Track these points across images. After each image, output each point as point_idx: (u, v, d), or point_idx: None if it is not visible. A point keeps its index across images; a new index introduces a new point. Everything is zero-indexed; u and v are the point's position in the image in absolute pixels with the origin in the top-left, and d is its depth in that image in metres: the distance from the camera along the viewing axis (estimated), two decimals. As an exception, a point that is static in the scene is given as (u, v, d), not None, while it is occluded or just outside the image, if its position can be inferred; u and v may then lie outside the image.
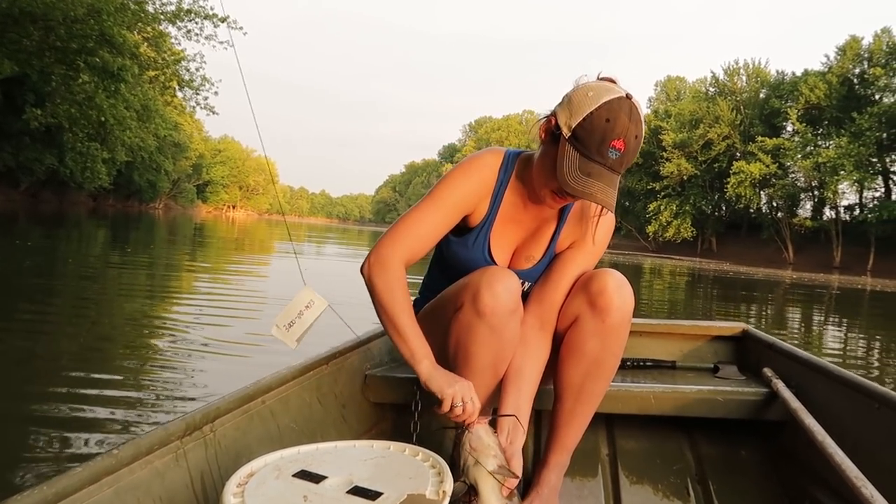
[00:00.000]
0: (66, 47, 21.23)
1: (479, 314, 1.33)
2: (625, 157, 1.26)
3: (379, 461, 1.01)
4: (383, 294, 1.34)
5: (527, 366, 1.45)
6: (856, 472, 1.26)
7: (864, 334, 8.05)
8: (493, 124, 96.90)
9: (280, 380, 1.47)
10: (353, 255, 15.61)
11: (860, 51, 45.96)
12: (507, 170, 1.48)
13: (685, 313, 8.29)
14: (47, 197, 36.51)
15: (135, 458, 1.02)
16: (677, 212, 54.46)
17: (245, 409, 1.32)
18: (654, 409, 1.77)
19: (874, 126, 41.85)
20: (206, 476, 1.16)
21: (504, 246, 1.52)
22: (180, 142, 60.02)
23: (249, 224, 41.68)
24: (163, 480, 1.06)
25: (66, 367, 3.15)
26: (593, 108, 1.25)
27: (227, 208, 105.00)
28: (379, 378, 1.84)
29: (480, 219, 1.49)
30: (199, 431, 1.18)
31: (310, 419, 1.54)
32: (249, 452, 1.24)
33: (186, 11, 24.27)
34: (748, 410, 1.79)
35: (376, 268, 1.35)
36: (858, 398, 1.58)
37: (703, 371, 2.19)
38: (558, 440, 1.53)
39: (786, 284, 18.28)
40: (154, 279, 7.37)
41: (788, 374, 1.92)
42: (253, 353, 3.64)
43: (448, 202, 1.43)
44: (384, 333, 2.03)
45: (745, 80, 55.09)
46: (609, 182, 1.26)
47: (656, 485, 1.71)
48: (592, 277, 1.46)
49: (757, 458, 1.82)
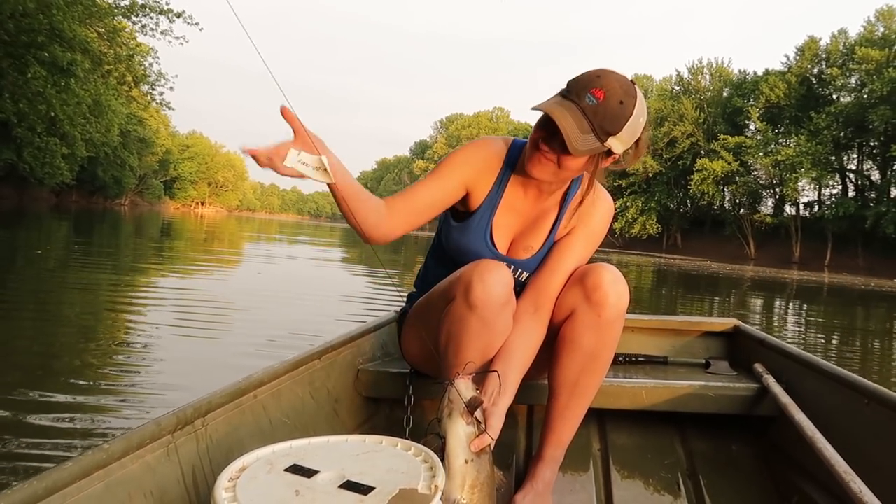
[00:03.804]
0: (15, 41, 20.86)
1: (471, 306, 1.34)
2: (600, 109, 1.28)
3: (371, 456, 1.00)
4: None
5: (517, 344, 1.43)
6: (844, 466, 1.28)
7: (826, 323, 8.30)
8: (464, 121, 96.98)
9: (272, 374, 1.46)
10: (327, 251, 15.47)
11: (818, 51, 47.24)
12: (514, 158, 1.52)
13: (655, 308, 8.43)
14: (7, 192, 35.46)
15: (126, 452, 1.01)
16: (643, 208, 55.33)
17: (237, 404, 1.32)
18: (645, 404, 1.78)
19: (831, 125, 43.07)
20: (198, 470, 1.15)
21: (504, 234, 1.54)
22: (146, 137, 58.98)
23: (219, 220, 41.11)
24: (154, 475, 1.05)
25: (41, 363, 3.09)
26: (590, 70, 1.34)
27: (196, 205, 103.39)
28: (371, 373, 1.83)
29: (482, 201, 1.51)
30: (191, 426, 1.17)
31: (302, 414, 1.54)
32: (241, 447, 1.24)
33: (141, 6, 23.95)
34: (739, 406, 1.82)
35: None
36: (848, 393, 1.60)
37: (694, 366, 2.21)
38: (553, 435, 1.54)
39: (747, 280, 18.69)
40: (116, 277, 7.22)
41: (779, 369, 1.95)
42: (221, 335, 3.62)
43: (454, 172, 1.48)
44: (376, 328, 2.04)
45: (709, 79, 56.13)
46: (574, 117, 1.28)
47: (647, 479, 1.72)
48: (588, 272, 1.47)
49: (747, 452, 1.83)
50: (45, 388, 2.69)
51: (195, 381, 2.91)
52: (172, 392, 2.71)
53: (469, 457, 1.16)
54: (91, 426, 2.32)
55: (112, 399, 2.64)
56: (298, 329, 4.27)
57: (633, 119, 1.34)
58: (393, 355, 2.03)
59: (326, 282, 8.63)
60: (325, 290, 7.35)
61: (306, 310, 5.62)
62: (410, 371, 1.78)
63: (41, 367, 3.07)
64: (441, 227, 1.61)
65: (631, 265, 22.20)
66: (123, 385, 2.85)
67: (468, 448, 1.16)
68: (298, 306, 5.83)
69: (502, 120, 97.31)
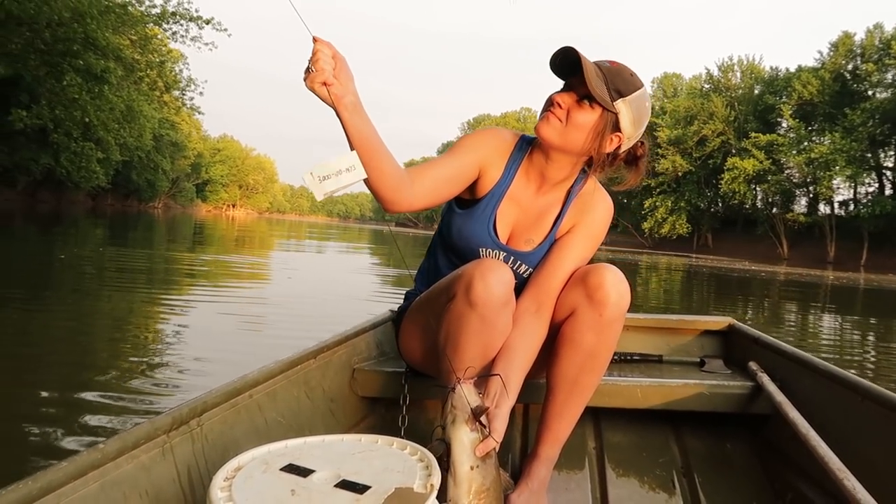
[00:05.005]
0: (52, 50, 21.52)
1: (472, 305, 1.34)
2: (614, 69, 1.40)
3: (367, 455, 1.00)
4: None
5: (519, 343, 1.44)
6: (838, 464, 1.29)
7: (858, 331, 8.06)
8: (492, 122, 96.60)
9: (267, 374, 1.47)
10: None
11: (853, 47, 46.04)
12: (522, 150, 1.56)
13: (681, 310, 8.31)
14: (45, 196, 36.32)
15: (121, 452, 1.01)
16: (672, 208, 54.49)
17: (232, 404, 1.32)
18: (640, 402, 1.79)
19: (867, 121, 41.94)
20: (193, 470, 1.15)
21: (507, 224, 1.56)
22: (178, 141, 59.88)
23: (250, 222, 41.61)
24: (149, 475, 1.06)
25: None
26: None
27: (227, 207, 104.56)
28: (367, 372, 1.84)
29: (489, 189, 1.54)
30: (186, 426, 1.18)
31: (297, 413, 1.54)
32: (237, 446, 1.24)
33: (172, 14, 24.44)
34: (734, 404, 1.82)
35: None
36: (842, 391, 1.60)
37: (689, 365, 2.21)
38: (549, 433, 1.55)
39: (779, 281, 18.30)
40: (153, 276, 7.37)
41: (773, 367, 1.95)
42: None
43: (468, 153, 1.51)
44: (372, 327, 2.04)
45: (740, 76, 55.11)
46: (592, 65, 1.38)
47: (642, 478, 1.73)
48: (590, 271, 1.48)
49: (742, 451, 1.84)
50: (96, 380, 2.79)
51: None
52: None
53: (475, 463, 1.16)
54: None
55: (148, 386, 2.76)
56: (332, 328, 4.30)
57: (642, 93, 1.43)
58: (388, 354, 2.04)
59: (354, 281, 8.71)
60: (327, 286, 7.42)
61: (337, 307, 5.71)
62: (406, 370, 1.79)
63: (85, 362, 3.18)
64: (443, 217, 1.63)
65: (660, 266, 21.85)
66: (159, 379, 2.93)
67: (473, 454, 1.16)
68: (330, 303, 5.92)
69: (530, 120, 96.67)
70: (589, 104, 1.40)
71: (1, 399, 2.62)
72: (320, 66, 1.14)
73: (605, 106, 1.39)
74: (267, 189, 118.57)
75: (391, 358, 2.00)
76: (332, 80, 1.14)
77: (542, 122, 1.44)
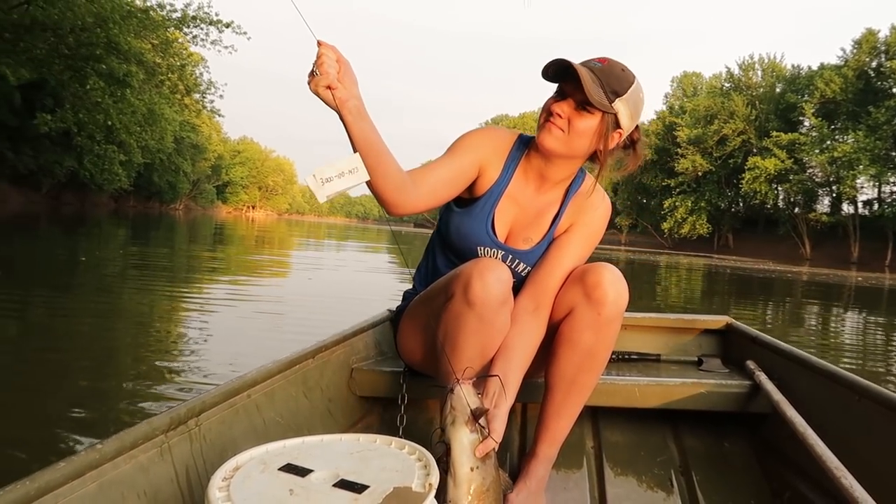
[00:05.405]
0: (75, 54, 21.97)
1: (470, 304, 1.35)
2: (606, 69, 1.40)
3: (365, 454, 1.00)
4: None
5: (517, 342, 1.44)
6: (836, 462, 1.29)
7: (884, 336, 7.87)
8: (510, 122, 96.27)
9: (265, 374, 1.47)
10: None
11: (876, 44, 45.21)
12: (519, 150, 1.57)
13: (702, 312, 8.16)
14: (69, 199, 36.92)
15: (119, 452, 1.01)
16: (693, 208, 53.94)
17: (230, 404, 1.33)
18: (638, 401, 1.79)
19: (892, 120, 41.17)
20: (192, 470, 1.15)
21: (505, 223, 1.57)
22: (198, 143, 60.59)
23: (270, 224, 41.93)
24: (147, 475, 1.06)
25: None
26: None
27: (247, 208, 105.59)
28: (365, 372, 1.85)
29: (487, 188, 1.54)
30: (184, 426, 1.18)
31: (296, 413, 1.55)
32: (235, 446, 1.24)
33: (192, 18, 24.73)
34: (731, 403, 1.81)
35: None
36: (840, 390, 1.60)
37: (687, 364, 2.21)
38: (548, 432, 1.55)
39: (802, 281, 18.02)
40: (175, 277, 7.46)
41: (771, 366, 1.94)
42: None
43: (467, 153, 1.51)
44: (370, 327, 2.04)
45: (761, 74, 54.42)
46: (586, 72, 1.38)
47: (640, 477, 1.73)
48: (588, 270, 1.49)
49: (740, 449, 1.84)
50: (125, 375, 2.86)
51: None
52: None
53: (475, 464, 1.17)
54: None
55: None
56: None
57: (636, 86, 1.43)
58: (387, 354, 2.04)
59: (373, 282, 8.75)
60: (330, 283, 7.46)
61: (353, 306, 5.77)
62: (404, 370, 1.79)
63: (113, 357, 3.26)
64: (442, 216, 1.64)
65: (681, 267, 21.61)
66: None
67: (473, 455, 1.17)
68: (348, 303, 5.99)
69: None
70: (588, 110, 1.41)
71: (29, 396, 2.68)
72: (324, 69, 1.14)
73: (605, 110, 1.39)
74: (286, 190, 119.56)
75: (389, 357, 2.01)
76: (336, 83, 1.15)
77: (544, 132, 1.44)
